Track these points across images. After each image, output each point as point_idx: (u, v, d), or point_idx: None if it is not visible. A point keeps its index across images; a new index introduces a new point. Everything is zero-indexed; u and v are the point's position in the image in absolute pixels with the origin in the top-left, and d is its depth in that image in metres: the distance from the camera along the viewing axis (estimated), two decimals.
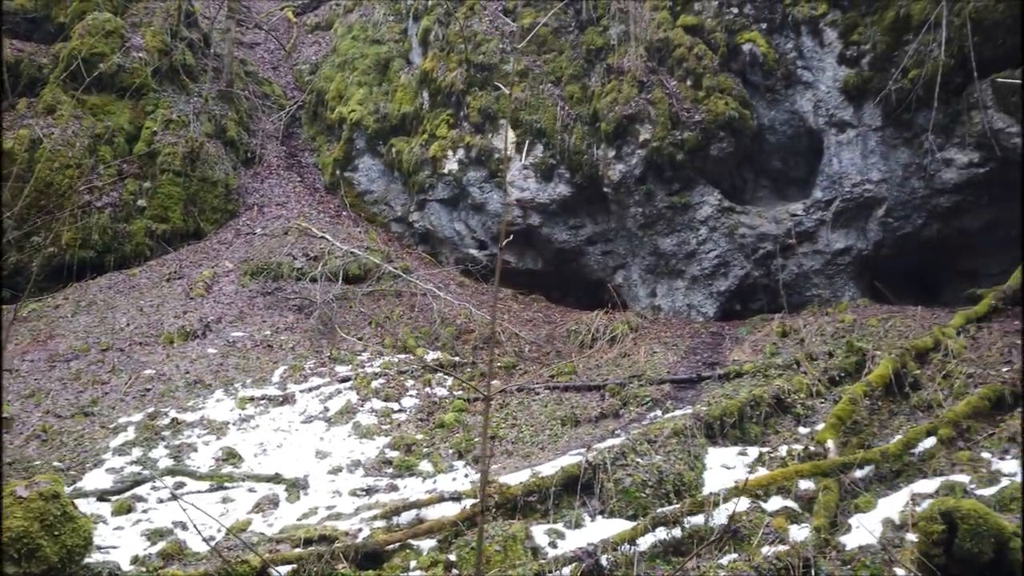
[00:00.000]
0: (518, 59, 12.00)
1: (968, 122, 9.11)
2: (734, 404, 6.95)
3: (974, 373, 6.85)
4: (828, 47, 10.17)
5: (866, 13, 9.89)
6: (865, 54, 9.84)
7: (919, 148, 9.57)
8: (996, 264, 9.83)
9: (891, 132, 9.82)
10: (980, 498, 5.16)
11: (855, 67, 9.94)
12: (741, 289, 11.03)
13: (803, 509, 5.51)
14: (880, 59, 9.68)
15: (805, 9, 10.25)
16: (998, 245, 9.82)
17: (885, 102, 9.63)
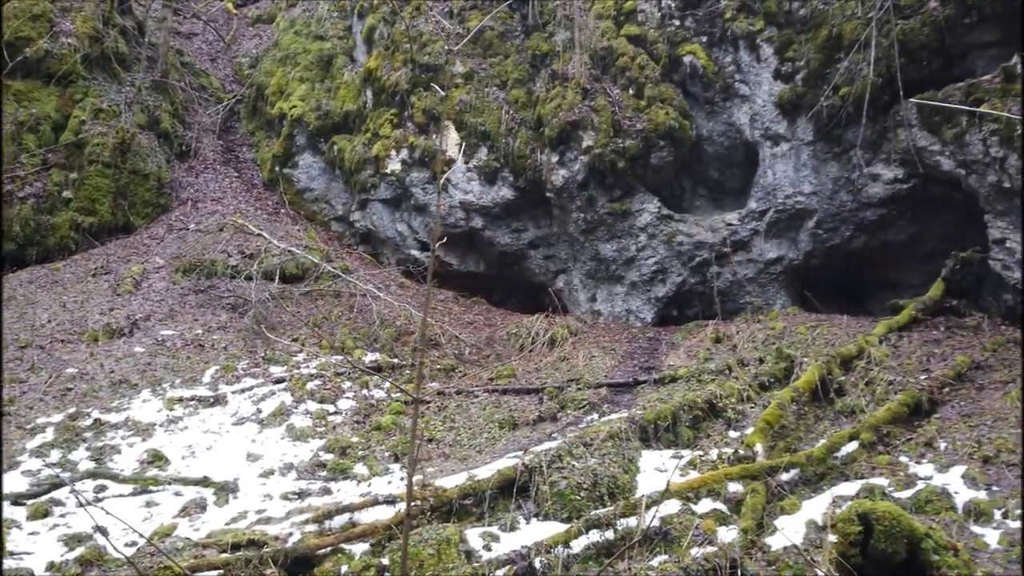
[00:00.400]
0: (464, 61, 11.99)
1: (894, 139, 9.52)
2: (668, 408, 7.08)
3: (894, 380, 7.15)
4: (764, 62, 10.48)
5: (801, 31, 10.23)
6: (799, 70, 10.18)
7: (848, 163, 9.94)
8: (917, 276, 10.30)
9: (822, 147, 10.18)
10: (897, 501, 5.38)
11: (790, 83, 10.27)
12: (678, 295, 11.25)
13: (732, 511, 5.65)
14: (813, 76, 10.03)
15: (743, 25, 10.54)
16: (919, 258, 10.29)
17: (817, 117, 9.98)
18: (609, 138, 10.77)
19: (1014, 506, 5.13)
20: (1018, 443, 5.85)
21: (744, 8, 10.58)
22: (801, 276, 10.86)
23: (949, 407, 6.65)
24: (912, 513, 5.23)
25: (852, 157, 9.83)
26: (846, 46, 9.65)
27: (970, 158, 8.77)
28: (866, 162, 9.79)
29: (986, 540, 4.83)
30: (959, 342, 7.99)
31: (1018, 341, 7.89)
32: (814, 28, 10.08)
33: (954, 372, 7.06)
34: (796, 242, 10.65)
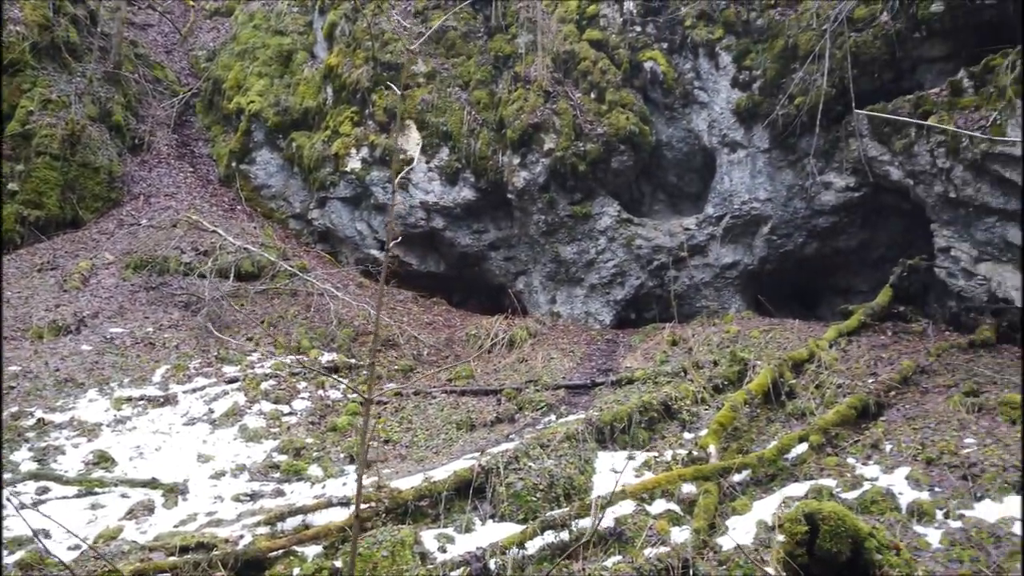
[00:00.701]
0: (427, 61, 11.94)
1: (846, 148, 9.77)
2: (625, 410, 7.14)
3: (843, 383, 7.33)
4: (723, 70, 10.66)
5: (758, 40, 10.44)
6: (756, 79, 10.38)
7: (802, 171, 10.17)
8: (866, 282, 10.58)
9: (777, 154, 10.39)
10: (844, 501, 5.52)
11: (747, 91, 10.47)
12: (636, 298, 11.37)
13: (685, 511, 5.72)
14: (769, 85, 10.24)
15: (703, 33, 10.71)
16: (869, 265, 10.57)
17: (773, 126, 10.19)
18: (570, 141, 10.83)
19: (955, 506, 5.29)
20: (960, 445, 6.04)
21: (704, 16, 10.74)
22: (756, 281, 11.07)
23: (895, 410, 6.84)
24: (858, 513, 5.36)
25: (806, 165, 10.06)
26: (801, 57, 9.87)
27: (918, 168, 9.05)
28: (819, 170, 10.03)
29: (928, 540, 4.98)
30: (905, 347, 8.22)
31: (961, 346, 8.16)
32: (771, 38, 10.29)
33: (900, 376, 7.26)
34: (751, 247, 10.85)
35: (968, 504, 5.29)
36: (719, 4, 10.64)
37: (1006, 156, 8.09)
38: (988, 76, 8.43)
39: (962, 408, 6.55)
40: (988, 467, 5.62)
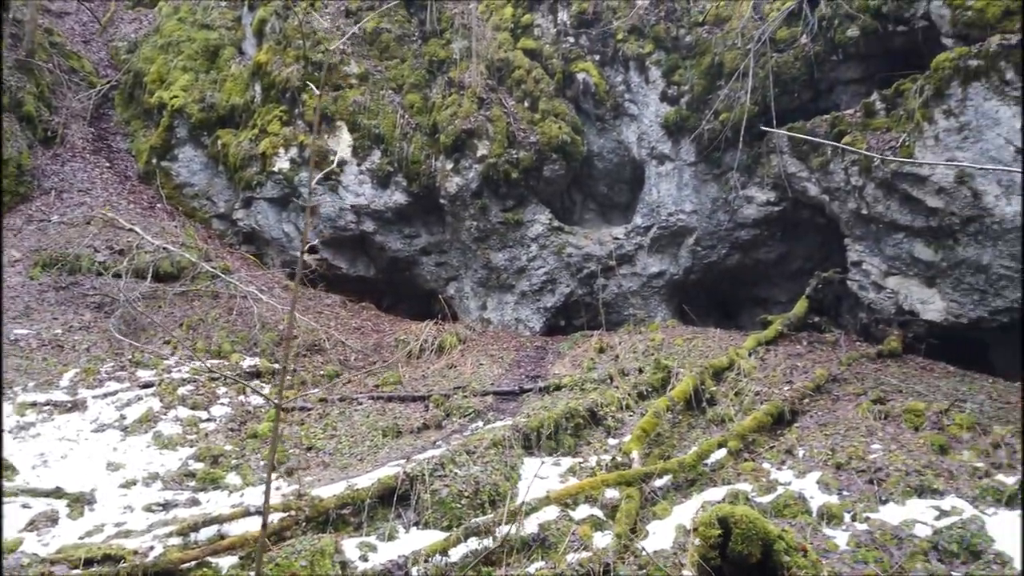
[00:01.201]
0: (360, 62, 11.79)
1: (767, 164, 10.13)
2: (551, 416, 7.19)
3: (761, 391, 7.58)
4: (653, 84, 10.92)
5: (686, 56, 10.73)
6: (684, 94, 10.66)
7: (726, 184, 10.50)
8: (785, 293, 10.99)
9: (703, 168, 10.69)
10: (759, 505, 5.70)
11: (675, 105, 10.74)
12: (566, 306, 11.48)
13: (607, 516, 5.79)
14: (696, 100, 10.54)
15: (634, 47, 10.94)
16: (787, 276, 10.98)
17: (699, 140, 10.48)
18: (504, 148, 10.87)
19: (862, 509, 5.53)
20: (867, 451, 6.33)
21: (635, 31, 10.98)
22: (681, 290, 11.35)
23: (808, 417, 7.12)
24: (771, 517, 5.55)
25: (730, 179, 10.38)
26: (727, 74, 10.20)
27: (833, 185, 9.46)
28: (742, 185, 10.37)
29: (836, 541, 5.19)
30: (819, 356, 8.57)
31: (870, 356, 8.56)
32: (698, 55, 10.60)
33: (813, 384, 7.56)
34: (677, 258, 11.12)
35: (874, 507, 5.54)
36: (649, 20, 10.89)
37: (914, 176, 8.55)
38: (899, 99, 8.90)
39: (870, 415, 6.87)
40: (893, 472, 5.90)
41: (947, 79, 8.29)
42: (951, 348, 8.87)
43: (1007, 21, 7.96)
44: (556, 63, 11.24)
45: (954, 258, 8.55)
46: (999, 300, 8.38)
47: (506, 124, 11.00)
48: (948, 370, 8.25)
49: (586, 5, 11.21)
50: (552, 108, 11.05)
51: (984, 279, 8.42)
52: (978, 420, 6.55)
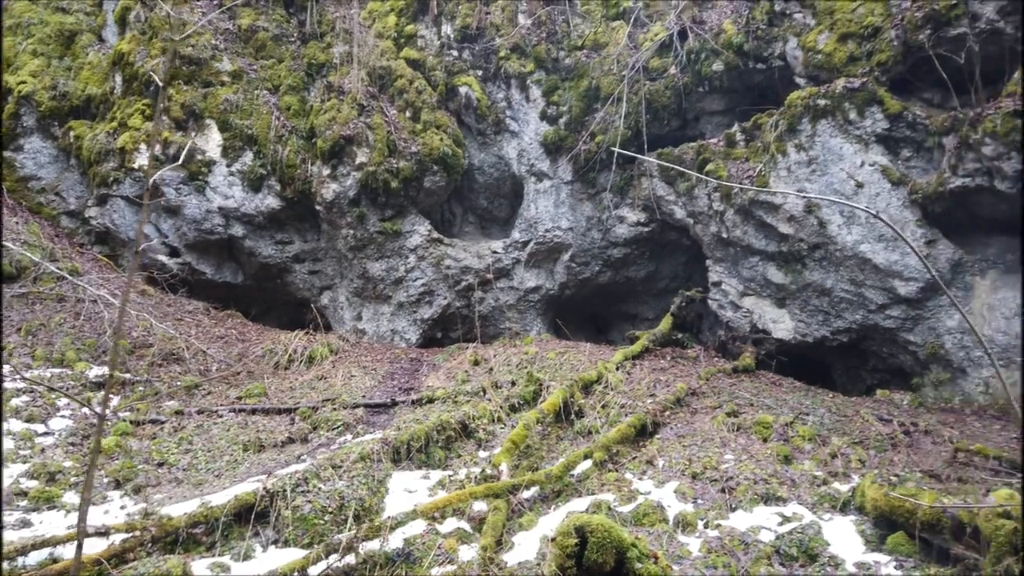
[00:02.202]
0: (233, 59, 11.30)
1: (638, 187, 10.57)
2: (422, 429, 7.12)
3: (626, 404, 7.85)
4: (533, 103, 11.15)
5: (566, 78, 11.04)
6: (563, 114, 10.96)
7: (600, 204, 10.85)
8: (652, 310, 11.48)
9: (579, 187, 11.01)
10: (620, 514, 5.88)
11: (554, 125, 11.01)
12: (443, 318, 11.44)
13: (475, 529, 5.78)
14: (574, 121, 10.85)
15: (516, 65, 11.14)
16: (655, 294, 11.48)
17: (576, 160, 10.79)
18: (384, 157, 10.73)
19: (713, 517, 5.83)
20: (720, 461, 6.69)
21: (517, 49, 11.18)
22: (556, 305, 11.59)
23: (668, 428, 7.44)
24: (632, 526, 5.74)
25: (604, 199, 10.75)
26: (603, 98, 10.58)
27: (697, 210, 10.00)
28: (615, 205, 10.75)
29: (689, 548, 5.43)
30: (681, 370, 8.99)
31: (726, 372, 9.07)
32: (577, 78, 10.94)
33: (675, 397, 7.91)
34: (553, 273, 11.36)
35: (724, 515, 5.85)
36: (531, 40, 11.13)
37: (768, 204, 9.18)
38: (756, 132, 9.55)
39: (724, 427, 7.27)
40: (742, 480, 6.26)
41: (799, 116, 8.99)
42: (798, 365, 9.56)
43: (852, 66, 8.74)
44: (439, 75, 11.24)
45: (802, 281, 9.24)
46: (840, 321, 9.13)
47: (387, 133, 10.87)
48: (795, 385, 8.88)
49: (470, 20, 11.31)
50: (434, 120, 11.04)
51: (828, 301, 9.15)
52: (818, 432, 7.07)
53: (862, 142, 8.64)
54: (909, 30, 8.24)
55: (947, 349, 8.39)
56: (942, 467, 6.34)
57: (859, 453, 6.68)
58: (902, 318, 8.67)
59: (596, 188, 10.89)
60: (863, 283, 8.76)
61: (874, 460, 6.61)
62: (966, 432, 7.18)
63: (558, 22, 11.14)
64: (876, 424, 7.33)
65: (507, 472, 6.46)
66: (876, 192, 8.55)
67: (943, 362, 8.45)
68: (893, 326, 8.74)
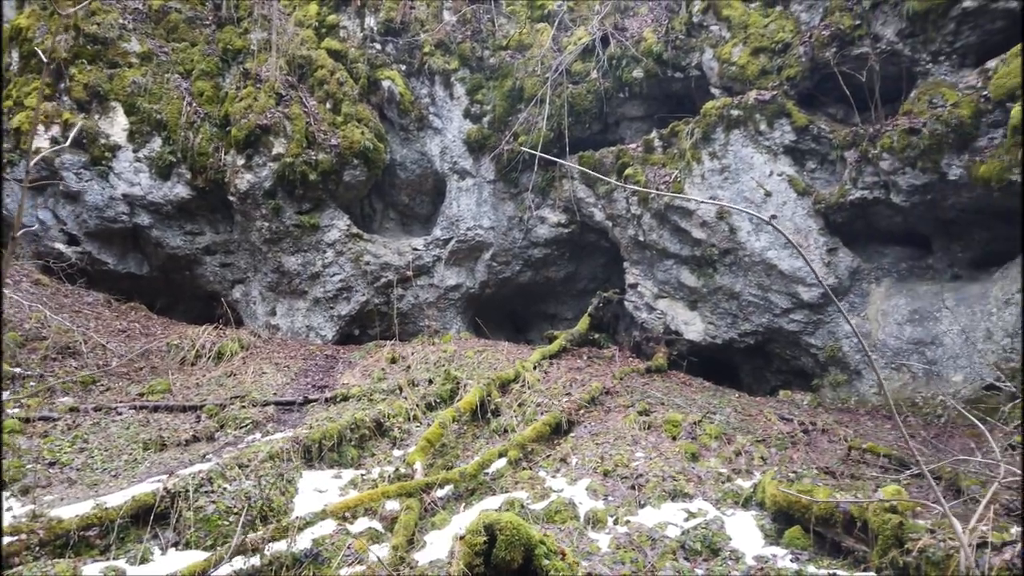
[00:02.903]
0: (143, 40, 10.77)
1: (560, 188, 10.69)
2: (335, 427, 6.98)
3: (542, 402, 7.92)
4: (457, 100, 11.11)
5: (490, 77, 11.06)
6: (487, 113, 10.97)
7: (522, 204, 10.92)
8: (571, 310, 11.64)
9: (501, 186, 11.04)
10: (533, 512, 5.93)
11: (477, 123, 11.01)
12: (361, 314, 11.26)
13: (386, 529, 5.71)
14: (498, 121, 10.88)
15: (440, 61, 11.07)
16: (574, 295, 11.64)
17: (499, 159, 10.82)
18: (302, 148, 10.46)
19: (623, 513, 5.95)
20: (631, 458, 6.84)
21: (442, 46, 11.12)
22: (476, 303, 11.59)
23: (583, 427, 7.55)
24: (543, 523, 5.80)
25: (525, 199, 10.82)
26: (526, 99, 10.65)
27: (616, 213, 10.20)
28: (536, 205, 10.84)
29: (599, 544, 5.53)
30: (597, 370, 9.15)
31: (640, 371, 9.28)
32: (501, 77, 10.96)
33: (589, 396, 8.04)
34: (474, 272, 11.35)
35: (633, 511, 5.98)
36: (456, 37, 11.09)
37: (683, 209, 9.45)
38: (674, 139, 9.82)
39: (636, 426, 7.44)
40: (652, 477, 6.42)
41: (713, 125, 9.29)
42: (708, 365, 9.89)
43: (763, 79, 9.09)
44: (361, 68, 11.06)
45: (713, 285, 9.55)
46: (747, 324, 9.49)
47: (306, 124, 10.60)
48: (704, 385, 9.17)
49: (394, 14, 11.17)
50: (355, 112, 10.84)
51: (736, 305, 9.49)
52: (724, 430, 7.33)
53: (771, 152, 9.00)
54: (816, 47, 8.64)
55: (844, 352, 8.85)
56: (837, 464, 6.68)
57: (761, 451, 6.96)
58: (804, 322, 9.09)
59: (518, 188, 10.95)
60: (769, 288, 9.14)
61: (775, 457, 6.90)
62: (859, 431, 7.59)
63: (483, 21, 11.14)
64: (778, 423, 7.66)
65: (421, 471, 6.41)
66: (783, 201, 8.93)
67: (841, 364, 8.91)
68: (796, 329, 9.16)
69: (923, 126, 7.85)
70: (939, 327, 8.18)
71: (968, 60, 7.97)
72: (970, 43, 7.91)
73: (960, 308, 8.07)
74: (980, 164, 7.55)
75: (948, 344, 8.08)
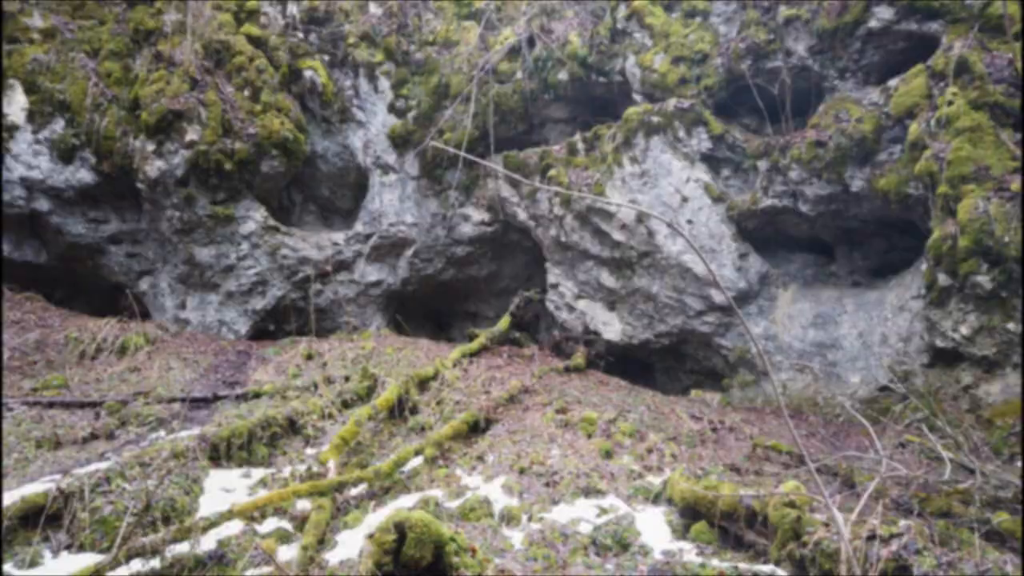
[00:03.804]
0: (46, 15, 10.16)
1: (484, 187, 10.70)
2: (245, 425, 6.76)
3: (461, 400, 7.91)
4: (381, 94, 10.96)
5: (416, 72, 10.96)
6: (412, 108, 10.86)
7: (446, 201, 10.87)
8: (493, 309, 11.66)
9: (426, 183, 10.96)
10: (447, 509, 5.90)
11: (402, 118, 10.89)
12: (277, 309, 10.96)
13: (296, 529, 5.57)
14: (423, 117, 10.79)
15: (364, 54, 10.89)
16: (496, 293, 11.67)
17: (423, 156, 10.74)
18: (218, 136, 10.10)
19: (537, 510, 6.00)
20: (547, 456, 6.90)
21: (367, 38, 10.95)
22: (397, 300, 11.47)
23: (500, 425, 7.58)
24: (458, 520, 5.79)
25: (449, 197, 10.78)
26: (452, 96, 10.60)
27: (539, 213, 10.28)
28: (460, 203, 10.82)
29: (512, 541, 5.56)
30: (516, 368, 9.20)
31: (559, 370, 9.39)
32: (427, 73, 10.88)
33: (508, 395, 8.08)
34: (395, 268, 11.23)
35: (547, 508, 6.04)
36: (381, 30, 10.94)
37: (604, 212, 9.61)
38: (596, 142, 9.98)
39: (552, 424, 7.52)
40: (566, 474, 6.50)
41: (635, 130, 9.49)
42: (624, 365, 10.10)
43: (683, 87, 9.35)
44: (282, 56, 10.76)
45: (631, 286, 9.76)
46: (663, 325, 9.74)
47: (222, 111, 10.24)
48: (620, 384, 9.36)
49: (318, 3, 10.93)
50: (275, 102, 10.55)
51: (653, 306, 9.73)
52: (638, 428, 7.50)
53: (689, 159, 9.27)
54: (733, 59, 8.95)
55: (752, 354, 9.20)
56: (743, 461, 6.93)
57: (672, 448, 7.16)
58: (716, 324, 9.41)
59: (443, 185, 10.89)
60: (684, 290, 9.41)
61: (685, 455, 7.11)
62: (765, 429, 7.90)
63: (410, 15, 11.04)
64: (689, 421, 7.89)
65: (335, 469, 6.29)
66: (699, 207, 9.21)
67: (749, 365, 9.26)
68: (708, 331, 9.46)
69: (829, 139, 8.25)
70: (840, 331, 8.61)
71: (872, 78, 8.43)
72: (874, 62, 8.36)
73: (859, 313, 8.52)
74: (880, 177, 7.99)
75: (847, 347, 8.52)
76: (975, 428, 6.98)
